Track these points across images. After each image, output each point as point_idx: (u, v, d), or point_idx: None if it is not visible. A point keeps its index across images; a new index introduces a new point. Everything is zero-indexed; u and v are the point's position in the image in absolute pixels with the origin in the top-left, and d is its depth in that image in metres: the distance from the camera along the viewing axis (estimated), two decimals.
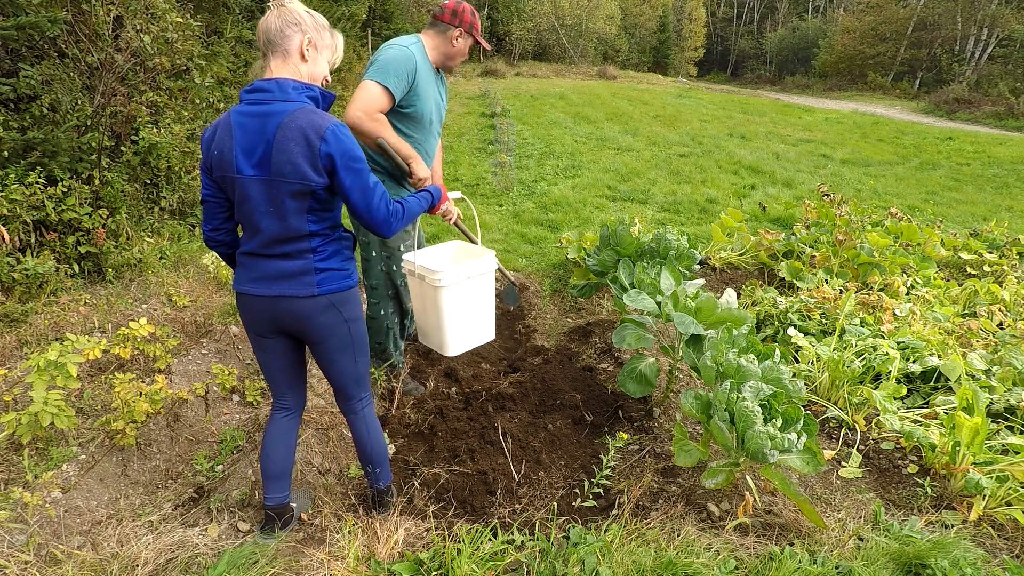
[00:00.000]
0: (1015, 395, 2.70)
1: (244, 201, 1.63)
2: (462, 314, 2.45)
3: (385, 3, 16.15)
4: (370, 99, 2.36)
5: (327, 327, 1.76)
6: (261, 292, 1.70)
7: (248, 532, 2.04)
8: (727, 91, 24.81)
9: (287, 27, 1.63)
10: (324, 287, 1.71)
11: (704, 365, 2.27)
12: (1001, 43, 24.98)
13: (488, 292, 2.55)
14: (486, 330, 2.63)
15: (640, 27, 36.47)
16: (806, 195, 6.91)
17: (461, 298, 2.41)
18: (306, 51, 1.66)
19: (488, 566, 1.77)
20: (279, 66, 1.64)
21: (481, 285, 2.49)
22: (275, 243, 1.66)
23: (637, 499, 2.18)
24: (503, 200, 6.36)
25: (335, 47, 1.77)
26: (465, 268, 2.39)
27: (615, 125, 11.48)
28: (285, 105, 1.57)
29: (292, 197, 1.59)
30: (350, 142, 1.61)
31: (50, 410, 2.08)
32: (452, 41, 2.54)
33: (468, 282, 2.41)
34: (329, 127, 1.57)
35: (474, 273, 2.42)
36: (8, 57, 3.68)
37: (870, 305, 3.58)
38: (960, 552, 1.92)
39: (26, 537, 1.90)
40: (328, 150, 1.56)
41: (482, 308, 2.55)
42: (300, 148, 1.54)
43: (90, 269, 3.63)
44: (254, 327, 1.80)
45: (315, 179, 1.57)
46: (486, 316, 2.58)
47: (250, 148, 1.57)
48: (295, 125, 1.55)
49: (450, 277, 2.31)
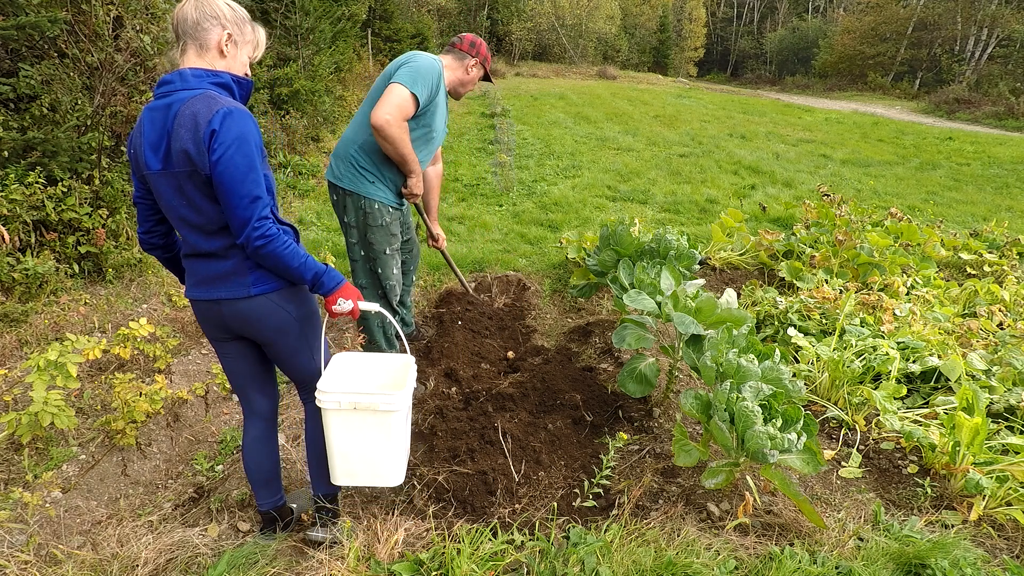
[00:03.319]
0: (1015, 395, 2.70)
1: (159, 197, 1.56)
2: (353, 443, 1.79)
3: (385, 3, 16.14)
4: (402, 105, 2.39)
5: (274, 328, 1.67)
6: (202, 296, 1.64)
7: (248, 532, 2.04)
8: (727, 91, 24.81)
9: (205, 20, 1.52)
10: (260, 287, 1.61)
11: (704, 365, 2.27)
12: (1001, 43, 24.98)
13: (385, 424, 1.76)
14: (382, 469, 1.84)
15: (640, 27, 36.46)
16: (806, 195, 6.90)
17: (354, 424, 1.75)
18: (224, 47, 1.56)
19: (488, 566, 1.77)
20: (193, 59, 1.54)
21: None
22: (203, 237, 1.57)
23: (637, 499, 2.18)
24: (503, 200, 6.36)
25: (256, 41, 1.66)
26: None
27: (615, 125, 11.47)
28: (185, 93, 1.48)
29: (195, 186, 1.50)
30: (240, 127, 1.46)
31: (50, 410, 2.08)
32: (467, 69, 2.72)
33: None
34: (222, 109, 1.45)
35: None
36: (8, 57, 3.68)
37: (870, 305, 3.58)
38: (960, 552, 1.92)
39: (26, 537, 1.90)
40: (212, 129, 1.43)
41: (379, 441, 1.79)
42: (189, 133, 1.45)
43: (90, 269, 3.63)
44: (207, 332, 1.74)
45: (201, 163, 1.46)
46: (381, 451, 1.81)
47: (156, 143, 1.50)
48: (189, 112, 1.45)
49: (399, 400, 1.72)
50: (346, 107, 10.11)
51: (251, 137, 1.49)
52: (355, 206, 2.67)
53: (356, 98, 11.09)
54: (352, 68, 11.56)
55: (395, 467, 1.83)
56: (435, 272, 4.32)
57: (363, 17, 12.55)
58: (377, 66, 15.42)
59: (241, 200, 1.47)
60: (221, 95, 1.52)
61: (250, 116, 1.51)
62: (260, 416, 1.90)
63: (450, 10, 25.53)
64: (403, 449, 1.86)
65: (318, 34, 8.75)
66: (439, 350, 3.24)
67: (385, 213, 2.71)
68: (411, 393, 1.84)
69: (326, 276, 1.62)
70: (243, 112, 1.49)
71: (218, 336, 1.74)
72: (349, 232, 2.75)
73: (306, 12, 8.36)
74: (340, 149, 2.68)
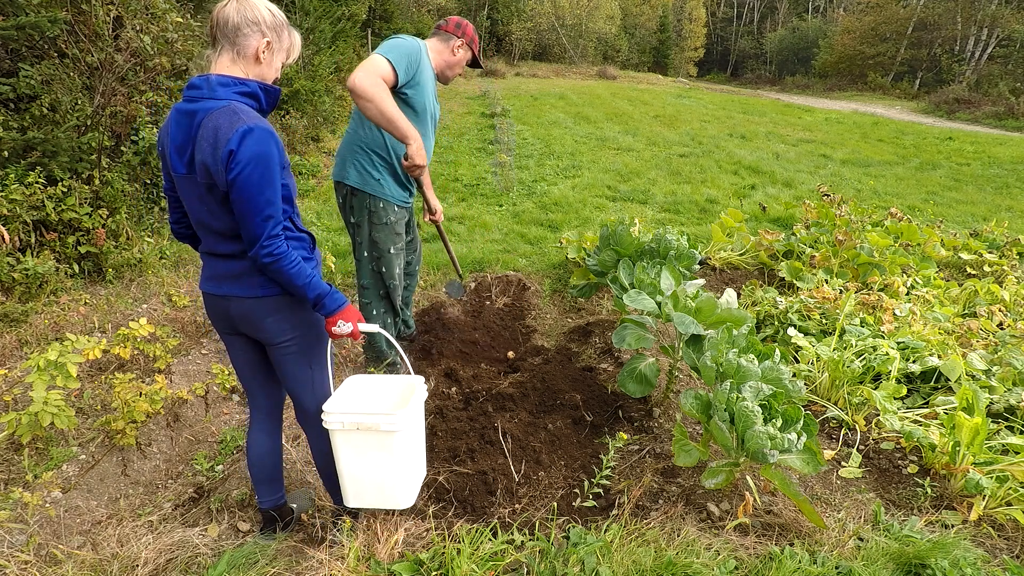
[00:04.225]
0: (1015, 395, 2.70)
1: (183, 198, 1.61)
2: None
3: (385, 3, 16.16)
4: (373, 66, 2.34)
5: (276, 331, 1.69)
6: (213, 291, 1.68)
7: (248, 532, 2.04)
8: (727, 91, 24.81)
9: (246, 25, 1.51)
10: (268, 289, 1.63)
11: (704, 365, 2.27)
12: (1001, 43, 24.99)
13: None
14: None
15: (640, 27, 36.47)
16: (806, 195, 6.90)
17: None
18: (262, 54, 1.55)
19: (488, 566, 1.77)
20: (227, 65, 1.54)
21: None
22: (220, 240, 1.61)
23: (637, 499, 2.18)
24: (503, 200, 6.36)
25: (292, 46, 1.66)
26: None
27: (615, 125, 11.47)
28: (211, 103, 1.49)
29: (214, 198, 1.53)
30: (258, 148, 1.46)
31: (50, 410, 2.08)
32: (453, 50, 2.72)
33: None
34: (242, 127, 1.45)
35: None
36: (8, 57, 3.68)
37: (870, 305, 3.58)
38: (960, 552, 1.92)
39: (26, 537, 1.90)
40: (231, 149, 1.44)
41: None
42: (209, 147, 1.46)
43: (90, 269, 3.63)
44: (215, 325, 1.78)
45: (220, 179, 1.48)
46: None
47: (182, 146, 1.52)
48: (211, 124, 1.46)
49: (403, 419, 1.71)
50: (346, 107, 10.11)
51: (270, 155, 1.49)
52: (361, 205, 2.68)
53: None
54: (352, 69, 11.56)
55: (404, 489, 1.81)
56: (436, 272, 4.32)
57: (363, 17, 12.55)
58: None
59: (254, 218, 1.49)
60: (247, 106, 1.52)
61: (271, 133, 1.51)
62: (264, 412, 1.92)
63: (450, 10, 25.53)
64: (412, 470, 1.85)
65: (318, 34, 8.76)
66: (439, 350, 3.24)
67: (391, 212, 2.72)
68: (418, 413, 1.82)
69: (328, 298, 1.63)
70: (264, 130, 1.49)
71: (224, 330, 1.78)
72: (355, 231, 2.76)
73: (306, 12, 8.37)
74: (344, 148, 2.68)
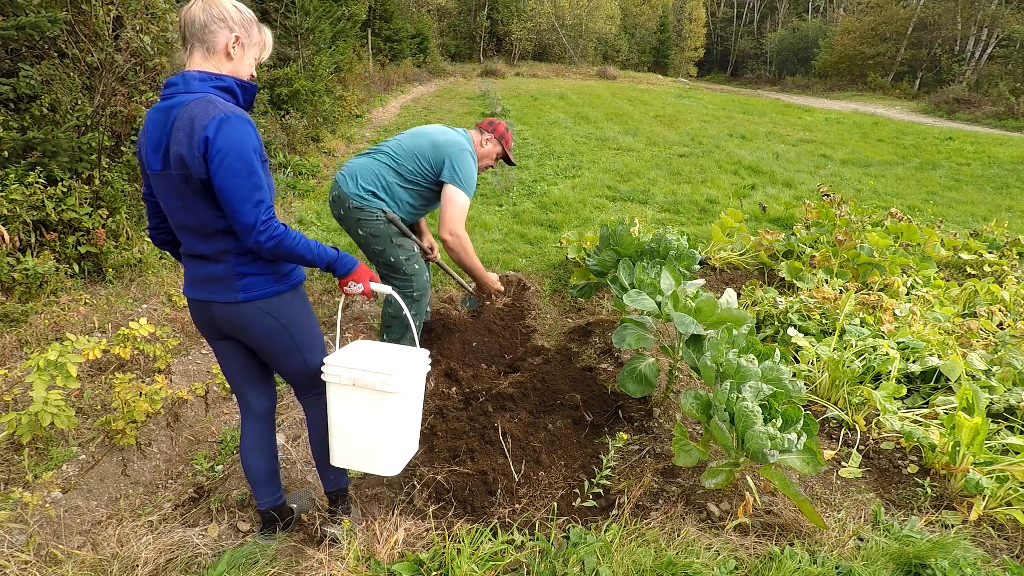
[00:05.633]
0: (1015, 395, 2.70)
1: (160, 197, 1.59)
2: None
3: (385, 3, 16.16)
4: (464, 214, 2.77)
5: (263, 334, 1.68)
6: (195, 296, 1.66)
7: (248, 532, 2.04)
8: (727, 91, 24.82)
9: (212, 22, 1.52)
10: (249, 293, 1.61)
11: (704, 365, 2.27)
12: (1001, 43, 24.99)
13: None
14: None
15: (640, 27, 36.49)
16: (806, 195, 6.90)
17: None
18: (232, 50, 1.56)
19: (488, 566, 1.77)
20: (199, 62, 1.54)
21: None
22: (197, 239, 1.59)
23: (637, 499, 2.18)
24: (503, 200, 6.36)
25: (263, 43, 1.66)
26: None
27: (615, 125, 11.47)
28: (186, 97, 1.49)
29: (190, 189, 1.51)
30: (237, 135, 1.45)
31: (50, 410, 2.08)
32: (482, 143, 3.07)
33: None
34: (218, 115, 1.44)
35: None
36: (8, 57, 3.68)
37: (870, 305, 3.58)
38: (960, 552, 1.92)
39: (26, 537, 1.90)
40: (206, 135, 1.43)
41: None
42: (185, 137, 1.45)
43: (90, 269, 3.63)
44: (202, 330, 1.77)
45: (194, 168, 1.46)
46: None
47: (157, 144, 1.52)
48: (187, 115, 1.45)
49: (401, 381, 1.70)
50: (346, 107, 10.11)
51: (248, 142, 1.48)
52: (369, 217, 2.75)
53: (356, 98, 11.09)
54: (352, 68, 11.57)
55: (391, 455, 1.79)
56: (436, 271, 4.32)
57: (363, 17, 12.56)
58: (377, 66, 15.42)
59: (243, 205, 1.47)
60: (223, 99, 1.52)
61: (248, 120, 1.50)
62: (256, 415, 1.90)
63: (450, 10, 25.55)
64: (403, 439, 1.84)
65: (318, 34, 8.75)
66: (439, 350, 3.24)
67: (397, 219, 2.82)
68: (416, 382, 1.82)
69: (338, 263, 1.69)
70: (240, 117, 1.48)
71: (211, 335, 1.76)
72: (369, 242, 2.80)
73: (306, 12, 8.37)
74: (362, 180, 2.75)
